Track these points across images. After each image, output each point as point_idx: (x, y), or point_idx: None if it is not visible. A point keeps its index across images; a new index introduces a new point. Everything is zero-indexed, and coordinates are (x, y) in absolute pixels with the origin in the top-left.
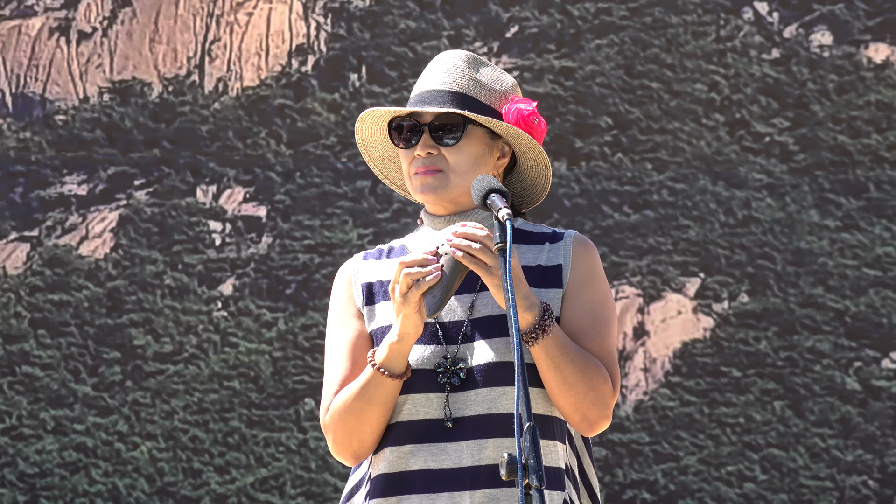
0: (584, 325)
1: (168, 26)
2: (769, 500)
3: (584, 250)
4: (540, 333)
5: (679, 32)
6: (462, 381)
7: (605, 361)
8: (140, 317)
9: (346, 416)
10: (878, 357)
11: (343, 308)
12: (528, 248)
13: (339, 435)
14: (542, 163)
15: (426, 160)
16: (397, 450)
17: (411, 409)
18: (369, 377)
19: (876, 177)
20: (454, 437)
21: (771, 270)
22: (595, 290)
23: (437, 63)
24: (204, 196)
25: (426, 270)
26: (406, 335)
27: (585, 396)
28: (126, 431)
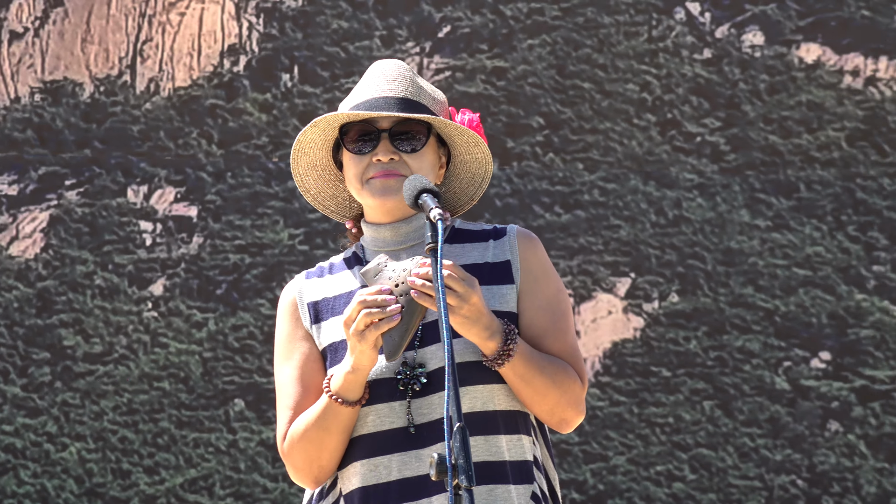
0: (544, 325)
1: (100, 26)
2: (698, 499)
3: (530, 244)
4: (506, 358)
5: (611, 33)
6: (423, 386)
7: (570, 358)
8: (70, 317)
9: (304, 445)
10: (808, 357)
11: (290, 332)
12: (473, 246)
13: (298, 463)
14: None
15: (387, 165)
16: (368, 462)
17: (376, 421)
18: (325, 406)
19: (806, 177)
20: (424, 443)
21: (701, 270)
22: (548, 284)
23: (383, 70)
24: (135, 196)
25: (386, 312)
26: (361, 367)
27: (559, 401)
28: (55, 432)
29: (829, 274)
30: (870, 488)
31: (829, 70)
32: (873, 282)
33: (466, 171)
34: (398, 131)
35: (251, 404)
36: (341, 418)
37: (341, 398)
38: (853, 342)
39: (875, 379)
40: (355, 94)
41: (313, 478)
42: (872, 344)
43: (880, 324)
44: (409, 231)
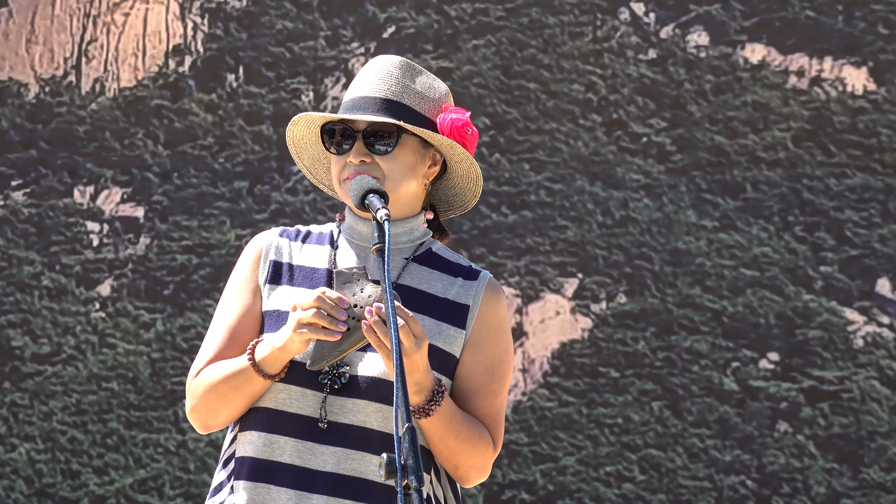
0: (479, 383)
1: (45, 27)
2: (648, 500)
3: (494, 299)
4: (423, 415)
5: (556, 33)
6: (343, 386)
7: (492, 422)
8: (18, 317)
9: (209, 392)
10: (756, 357)
11: (244, 280)
12: (440, 276)
13: (197, 405)
14: (474, 174)
15: (359, 167)
16: (265, 436)
17: (286, 400)
18: (242, 368)
19: (753, 177)
20: (325, 440)
21: (648, 271)
22: (498, 343)
23: (372, 69)
24: (81, 197)
25: (330, 327)
26: (289, 350)
27: (466, 462)
28: (4, 433)
29: (776, 274)
30: (819, 489)
31: (775, 70)
32: (821, 282)
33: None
34: (372, 132)
35: None
36: (253, 385)
37: (260, 368)
38: (801, 343)
39: (823, 379)
40: (351, 88)
41: (203, 423)
42: (820, 344)
43: (828, 324)
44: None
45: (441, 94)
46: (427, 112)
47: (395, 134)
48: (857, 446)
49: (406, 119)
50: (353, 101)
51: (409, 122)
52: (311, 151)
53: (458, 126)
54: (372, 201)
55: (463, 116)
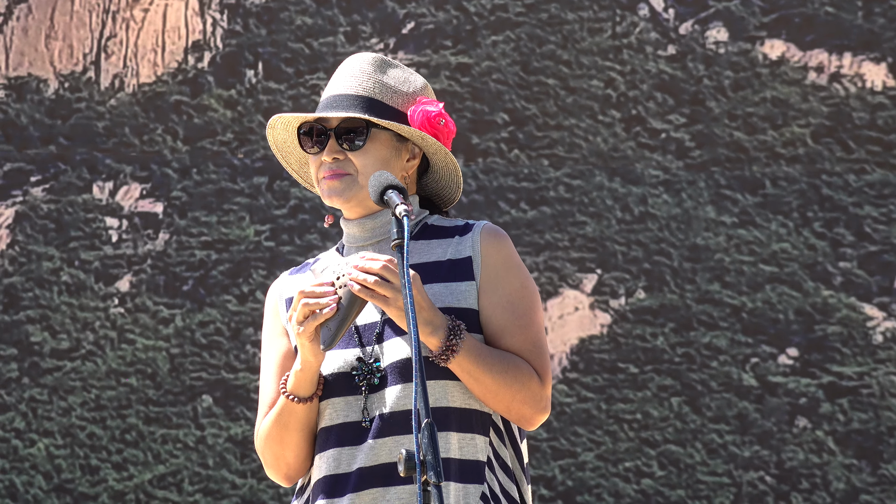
0: (503, 322)
1: (64, 22)
2: (666, 496)
3: (494, 240)
4: (449, 354)
5: (575, 29)
6: (380, 381)
7: (530, 355)
8: (37, 313)
9: (269, 442)
10: (775, 353)
11: (270, 328)
12: (438, 242)
13: (267, 459)
14: (451, 164)
15: (332, 164)
16: (324, 455)
17: (332, 414)
18: (282, 405)
19: (772, 173)
20: (371, 436)
21: (667, 266)
22: (510, 280)
23: (344, 68)
24: (100, 192)
25: (323, 303)
26: (307, 363)
27: (514, 398)
28: (23, 428)
29: (795, 270)
30: (838, 484)
31: (794, 66)
32: (840, 278)
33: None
34: (343, 129)
35: (219, 400)
36: (297, 415)
37: (294, 395)
38: (820, 338)
39: (843, 375)
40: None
41: (283, 474)
42: (840, 340)
43: (847, 320)
44: (374, 227)
45: (416, 87)
46: (399, 105)
47: (363, 129)
48: (876, 442)
49: (377, 113)
50: (327, 101)
51: (379, 116)
52: (296, 154)
53: (429, 117)
54: (391, 197)
55: (435, 108)
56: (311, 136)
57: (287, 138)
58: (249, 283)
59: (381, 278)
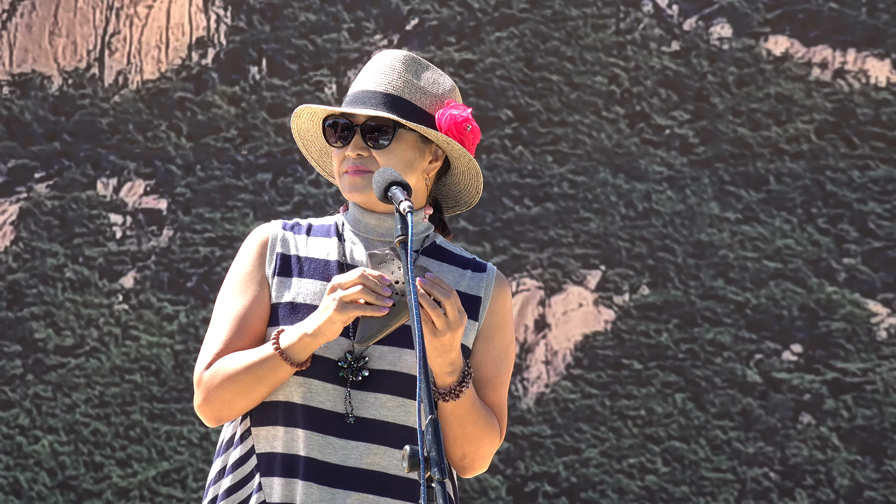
0: (489, 374)
1: (68, 19)
2: (671, 492)
3: (504, 291)
4: (454, 396)
5: (579, 25)
6: (363, 380)
7: (500, 413)
8: (41, 310)
9: (227, 384)
10: (779, 349)
11: (251, 270)
12: (450, 269)
13: (212, 397)
14: (473, 170)
15: (356, 161)
16: (291, 431)
17: (307, 395)
18: (266, 357)
19: (776, 169)
20: (347, 435)
21: (671, 263)
22: (505, 335)
23: (375, 63)
24: (104, 189)
25: (378, 301)
26: (323, 334)
27: (477, 451)
28: (27, 425)
29: (799, 266)
30: (843, 481)
31: (798, 62)
32: (844, 274)
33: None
34: (370, 126)
35: None
36: (278, 374)
37: (288, 356)
38: (824, 334)
39: (847, 371)
40: (352, 84)
41: (216, 416)
42: (844, 336)
43: (851, 316)
44: (391, 226)
45: (445, 90)
46: (427, 107)
47: (391, 128)
48: (880, 438)
49: (405, 114)
50: (354, 96)
51: (407, 117)
52: (318, 143)
53: (456, 122)
54: (395, 193)
55: (463, 113)
56: (336, 129)
57: (311, 127)
58: None
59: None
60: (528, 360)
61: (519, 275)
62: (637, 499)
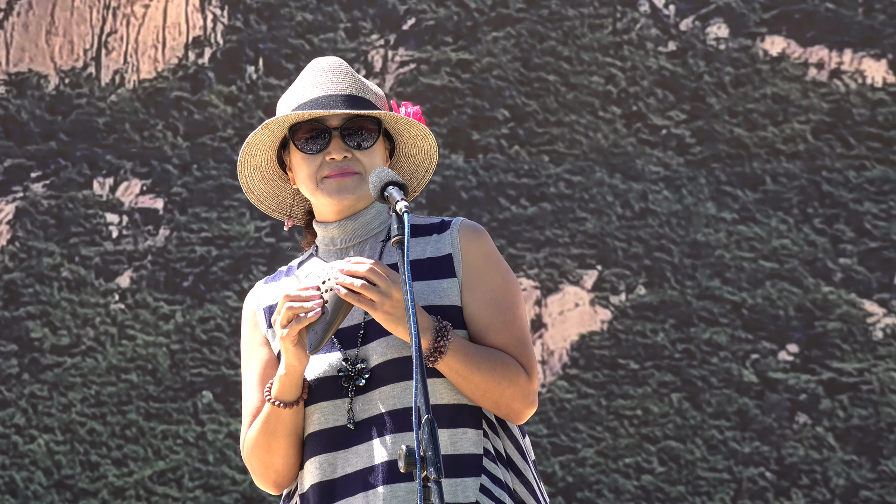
0: (488, 319)
1: (64, 18)
2: (667, 492)
3: (473, 236)
4: (437, 356)
5: (576, 25)
6: (367, 383)
7: (515, 350)
8: (37, 309)
9: (256, 451)
10: (775, 349)
11: (250, 339)
12: (416, 241)
13: (255, 468)
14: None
15: (341, 163)
16: (316, 459)
17: (321, 419)
18: (268, 411)
19: (772, 169)
20: (360, 439)
21: (668, 263)
22: (492, 276)
23: (323, 68)
24: (101, 188)
25: (308, 306)
26: (291, 367)
27: (503, 395)
28: (23, 424)
29: (795, 266)
30: (838, 480)
31: (794, 63)
32: (840, 274)
33: (410, 163)
34: (349, 129)
35: (219, 396)
36: (284, 421)
37: (278, 400)
38: (820, 335)
39: (842, 371)
40: (296, 93)
41: (272, 482)
42: (839, 336)
43: (847, 316)
44: (355, 228)
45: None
46: (383, 107)
47: (376, 129)
48: (876, 438)
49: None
50: (317, 100)
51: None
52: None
53: (418, 115)
54: (391, 193)
55: (417, 109)
56: (308, 134)
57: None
58: (250, 279)
59: (367, 282)
60: None
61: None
62: (633, 498)
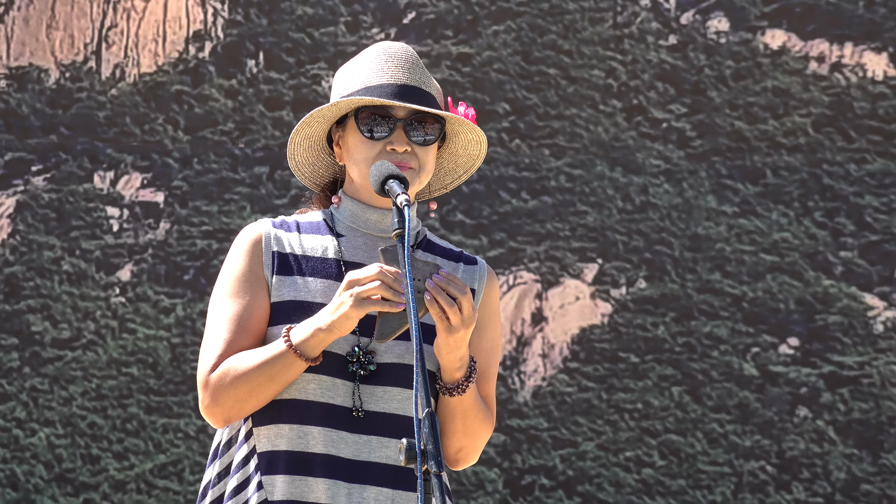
0: (482, 367)
1: (65, 12)
2: (667, 485)
3: (494, 284)
4: (460, 392)
5: (576, 18)
6: (371, 374)
7: (490, 404)
8: (38, 303)
9: (238, 384)
10: (776, 343)
11: (246, 270)
12: (444, 262)
13: (221, 398)
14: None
15: (402, 156)
16: (299, 428)
17: (316, 390)
18: (279, 353)
19: (773, 163)
20: (357, 429)
21: (668, 256)
22: (495, 328)
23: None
24: (101, 182)
25: (396, 298)
26: (337, 329)
27: (473, 444)
28: (24, 418)
29: (796, 260)
30: (839, 474)
31: (795, 56)
32: (840, 268)
33: (452, 161)
34: (413, 122)
35: None
36: (291, 371)
37: (301, 351)
38: (821, 328)
39: (843, 365)
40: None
41: (225, 417)
42: (840, 330)
43: (848, 309)
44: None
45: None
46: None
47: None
48: (876, 431)
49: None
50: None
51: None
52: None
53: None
54: (392, 187)
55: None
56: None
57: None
58: None
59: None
60: (524, 353)
61: (516, 268)
62: (634, 492)
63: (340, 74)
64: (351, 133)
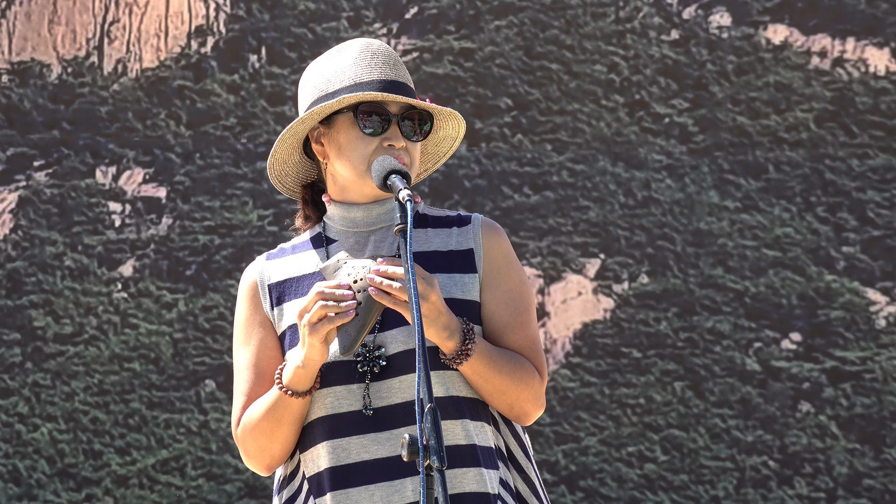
0: (506, 319)
1: (67, 8)
2: (670, 480)
3: (494, 234)
4: (463, 358)
5: (578, 14)
6: (382, 369)
7: (530, 352)
8: (40, 298)
9: (256, 435)
10: (778, 338)
11: (248, 316)
12: (436, 232)
13: (251, 451)
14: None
15: (399, 151)
16: (331, 443)
17: (334, 403)
18: (276, 398)
19: (775, 158)
20: (380, 426)
21: (671, 251)
22: (511, 276)
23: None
24: (103, 177)
25: (342, 307)
26: (312, 362)
27: (518, 397)
28: (26, 413)
29: (798, 255)
30: (841, 469)
31: (797, 51)
32: (843, 263)
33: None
34: (405, 118)
35: (222, 385)
36: (292, 410)
37: (291, 390)
38: (823, 323)
39: (846, 360)
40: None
41: (265, 465)
42: (843, 325)
43: (850, 304)
44: (381, 213)
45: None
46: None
47: (430, 123)
48: (879, 426)
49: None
50: (385, 83)
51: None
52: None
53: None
54: (394, 182)
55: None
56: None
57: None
58: None
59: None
60: None
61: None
62: (636, 487)
63: (317, 72)
64: (345, 129)
